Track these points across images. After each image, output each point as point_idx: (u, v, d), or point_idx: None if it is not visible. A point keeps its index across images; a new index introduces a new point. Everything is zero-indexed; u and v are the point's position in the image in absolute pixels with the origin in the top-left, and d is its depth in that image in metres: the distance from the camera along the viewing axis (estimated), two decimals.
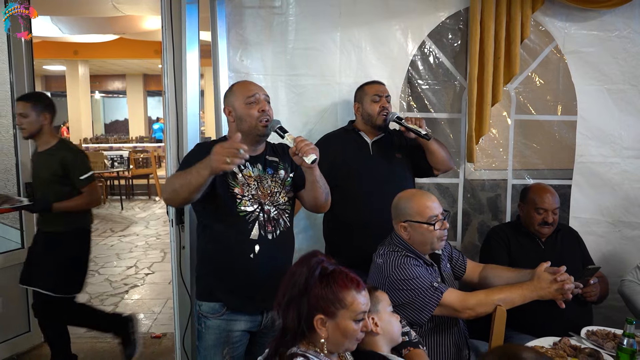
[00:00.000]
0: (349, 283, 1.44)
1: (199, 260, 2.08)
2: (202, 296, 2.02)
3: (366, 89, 2.59)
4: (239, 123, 1.96)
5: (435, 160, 2.55)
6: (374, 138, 2.60)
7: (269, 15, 2.81)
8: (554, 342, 1.95)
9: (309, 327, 1.43)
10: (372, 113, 2.54)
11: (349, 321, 1.42)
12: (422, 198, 2.06)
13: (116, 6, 5.58)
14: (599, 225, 2.99)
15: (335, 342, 1.44)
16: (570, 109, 2.95)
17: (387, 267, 1.98)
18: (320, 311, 1.41)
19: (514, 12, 2.76)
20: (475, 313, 1.92)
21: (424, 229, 2.00)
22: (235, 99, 1.99)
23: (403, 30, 2.86)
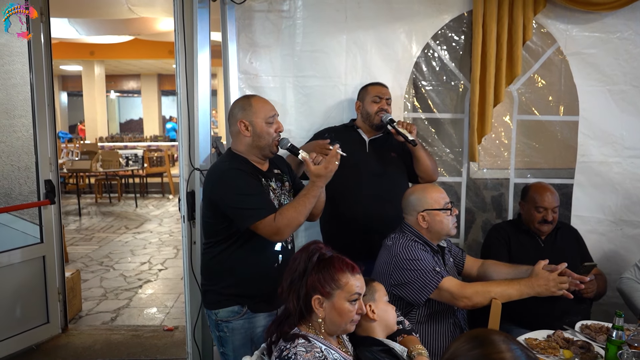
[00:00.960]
0: (344, 266, 1.58)
1: (214, 273, 2.09)
2: (217, 304, 2.05)
3: (369, 89, 2.70)
4: (256, 139, 2.05)
5: (420, 168, 2.63)
6: (371, 137, 2.70)
7: (278, 19, 2.91)
8: (548, 335, 2.02)
9: (307, 308, 1.56)
10: (370, 112, 2.65)
11: (344, 301, 1.55)
12: (435, 189, 2.27)
13: (131, 8, 5.71)
14: (600, 224, 3.04)
15: (332, 322, 1.56)
16: (572, 110, 3.00)
17: (395, 247, 2.13)
18: (317, 292, 1.54)
19: (516, 15, 2.82)
20: (472, 302, 2.01)
21: (442, 216, 2.18)
22: (255, 116, 2.04)
23: (407, 33, 2.93)
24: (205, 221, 2.10)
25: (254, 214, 1.90)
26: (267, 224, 1.89)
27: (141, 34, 7.91)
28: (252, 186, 1.98)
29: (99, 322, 3.98)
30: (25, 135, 3.39)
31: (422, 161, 2.61)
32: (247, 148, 2.07)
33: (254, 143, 2.05)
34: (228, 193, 1.95)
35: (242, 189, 1.95)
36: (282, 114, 2.94)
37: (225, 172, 2.00)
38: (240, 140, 2.08)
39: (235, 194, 1.94)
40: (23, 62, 3.34)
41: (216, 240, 2.04)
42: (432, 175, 2.67)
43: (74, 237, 6.82)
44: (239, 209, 1.93)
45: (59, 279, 3.61)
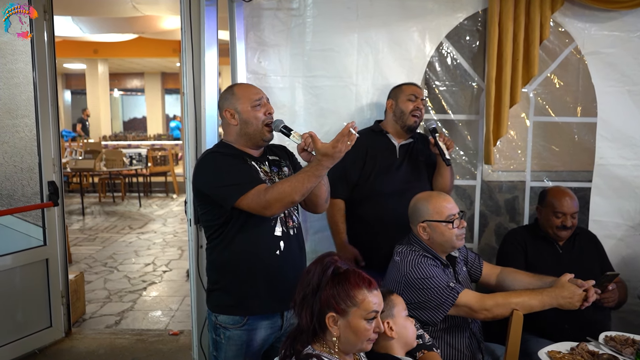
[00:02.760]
0: (360, 282, 1.46)
1: (216, 271, 2.00)
2: (220, 308, 1.96)
3: (403, 88, 2.60)
4: (244, 126, 1.95)
5: (439, 184, 2.57)
6: (401, 142, 2.62)
7: (287, 17, 2.83)
8: (572, 347, 1.94)
9: (321, 326, 1.45)
10: (405, 110, 2.55)
11: (360, 320, 1.44)
12: (438, 198, 2.10)
13: (136, 6, 5.65)
14: (618, 229, 2.95)
15: (347, 341, 1.45)
16: (590, 111, 2.91)
17: (404, 265, 2.00)
18: (331, 309, 1.44)
19: (533, 13, 2.74)
20: (492, 314, 1.92)
21: (443, 228, 2.03)
22: (239, 102, 1.96)
23: (420, 31, 2.85)
24: (200, 217, 2.03)
25: (237, 189, 1.79)
26: (254, 197, 1.77)
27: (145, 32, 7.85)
28: (232, 163, 1.89)
29: (103, 326, 3.91)
30: (29, 135, 3.32)
31: (445, 179, 2.56)
32: (236, 137, 1.97)
33: (242, 130, 1.96)
34: (208, 174, 1.88)
35: (222, 167, 1.87)
36: (291, 115, 2.89)
37: (205, 156, 1.97)
38: (229, 130, 2.00)
39: (214, 172, 1.87)
40: (26, 60, 3.27)
41: (212, 236, 1.96)
42: (447, 192, 2.56)
43: (78, 237, 6.76)
44: (220, 187, 1.84)
45: (62, 282, 3.54)
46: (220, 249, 1.95)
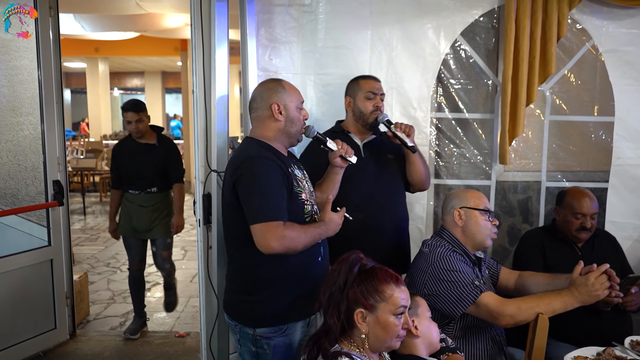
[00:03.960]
0: (388, 277, 1.45)
1: (252, 281, 1.87)
2: (259, 322, 1.85)
3: (361, 84, 2.42)
4: (289, 124, 1.89)
5: (413, 175, 2.41)
6: (364, 140, 2.44)
7: (299, 13, 2.78)
8: (598, 353, 1.88)
9: (349, 323, 1.43)
10: (364, 111, 2.38)
11: (389, 315, 1.42)
12: (477, 192, 2.15)
13: (139, 4, 5.59)
14: (636, 230, 2.90)
15: (376, 337, 1.43)
16: (607, 110, 2.86)
17: (432, 256, 1.99)
18: (360, 305, 1.42)
19: (550, 10, 2.68)
20: (515, 321, 1.87)
21: (479, 217, 2.04)
22: (290, 99, 1.89)
23: (435, 28, 2.79)
24: (230, 221, 1.88)
25: (268, 214, 1.71)
26: (273, 228, 1.69)
27: (147, 30, 7.78)
28: (276, 184, 1.79)
29: (108, 327, 3.85)
30: (33, 133, 3.26)
31: (417, 167, 2.38)
32: (276, 134, 1.88)
33: (285, 129, 1.89)
34: (250, 182, 1.76)
35: (266, 184, 1.76)
36: None
37: (252, 159, 1.80)
38: (268, 125, 1.89)
39: (257, 185, 1.75)
40: (31, 57, 3.21)
41: (247, 243, 1.78)
42: (424, 184, 2.46)
43: (79, 237, 6.70)
44: (255, 202, 1.74)
45: (66, 283, 3.48)
46: (260, 259, 1.79)
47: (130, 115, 3.52)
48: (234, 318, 1.91)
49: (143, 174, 3.59)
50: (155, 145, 3.61)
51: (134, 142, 3.61)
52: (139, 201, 3.62)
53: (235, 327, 1.91)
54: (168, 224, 3.68)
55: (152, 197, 3.62)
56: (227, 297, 1.99)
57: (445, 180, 2.94)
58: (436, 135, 2.92)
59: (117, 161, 3.70)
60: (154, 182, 3.62)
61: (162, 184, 3.66)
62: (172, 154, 3.69)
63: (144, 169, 3.58)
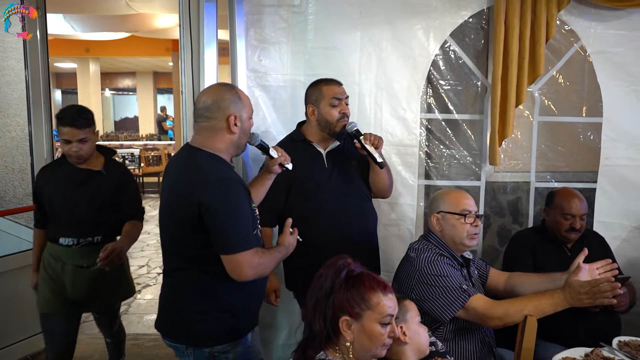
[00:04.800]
0: (375, 285, 1.42)
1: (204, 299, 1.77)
2: (215, 340, 1.77)
3: (323, 90, 2.28)
4: (242, 137, 1.85)
5: (376, 185, 2.35)
6: (327, 148, 2.34)
7: (288, 14, 2.77)
8: (586, 353, 1.89)
9: (334, 330, 1.41)
10: (330, 120, 2.26)
11: (375, 324, 1.40)
12: (459, 193, 2.11)
13: (129, 4, 5.56)
14: (624, 230, 2.91)
15: (361, 346, 1.41)
16: (595, 111, 2.87)
17: (419, 261, 1.97)
18: (345, 313, 1.40)
19: (539, 11, 2.69)
20: (503, 323, 1.87)
21: (455, 221, 2.01)
22: (245, 110, 1.83)
23: (425, 29, 2.79)
24: (184, 239, 1.75)
25: (243, 245, 1.68)
26: (248, 258, 1.68)
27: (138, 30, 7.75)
28: (247, 209, 1.76)
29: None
30: (20, 135, 3.23)
31: (381, 178, 2.31)
32: (228, 146, 1.80)
33: (238, 141, 1.82)
34: (224, 212, 1.67)
35: (240, 213, 1.72)
36: (292, 114, 2.82)
37: (223, 182, 1.71)
38: (221, 137, 1.78)
39: (232, 215, 1.69)
40: (18, 58, 3.18)
41: (204, 258, 1.73)
42: (386, 193, 2.42)
43: None
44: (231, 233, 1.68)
45: None
46: (218, 278, 1.73)
47: (69, 132, 2.35)
48: (183, 340, 1.80)
49: (82, 214, 2.46)
50: (101, 174, 2.51)
51: (70, 168, 2.48)
52: (73, 258, 2.48)
53: (187, 349, 1.79)
54: (123, 287, 2.76)
55: (94, 252, 2.40)
56: (175, 318, 1.82)
57: (435, 181, 2.94)
58: (426, 136, 2.92)
59: (41, 195, 2.52)
60: (97, 228, 2.50)
61: (110, 231, 2.56)
62: (127, 185, 2.63)
63: (83, 208, 2.46)
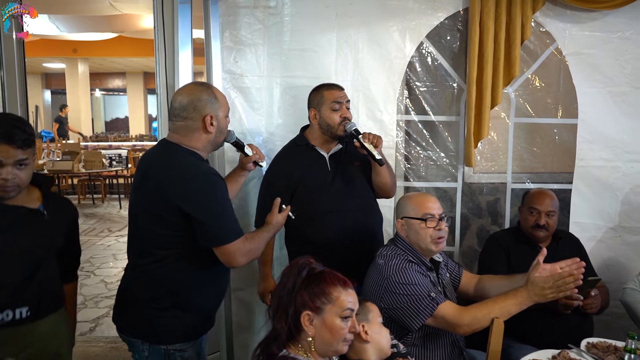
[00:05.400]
0: (335, 280, 1.47)
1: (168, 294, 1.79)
2: (175, 338, 1.81)
3: (325, 95, 2.32)
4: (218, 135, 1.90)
5: (378, 184, 2.38)
6: (330, 151, 2.39)
7: (264, 15, 2.76)
8: (553, 355, 1.89)
9: (296, 327, 1.43)
10: (332, 123, 2.30)
11: (336, 317, 1.43)
12: (421, 197, 2.08)
13: (113, 4, 5.53)
14: (599, 231, 2.93)
15: (323, 340, 1.44)
16: (571, 112, 2.89)
17: (387, 269, 1.95)
18: (307, 308, 1.43)
19: (514, 13, 2.70)
20: (472, 329, 1.86)
21: (418, 226, 2.00)
22: (221, 110, 1.88)
23: (401, 31, 2.79)
24: (158, 237, 1.77)
25: (232, 234, 1.74)
26: (239, 246, 1.75)
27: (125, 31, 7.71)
28: (228, 199, 1.83)
29: (77, 333, 3.76)
30: None
31: (383, 177, 2.34)
32: (205, 145, 1.85)
33: (215, 139, 1.88)
34: (209, 205, 1.73)
35: (223, 204, 1.78)
36: (269, 116, 2.82)
37: (204, 177, 1.75)
38: (197, 137, 1.83)
39: (217, 206, 1.75)
40: None
41: (175, 255, 1.77)
42: (390, 192, 2.44)
43: None
44: (218, 225, 1.73)
45: None
46: (187, 276, 1.79)
47: (2, 151, 1.59)
48: (141, 336, 1.82)
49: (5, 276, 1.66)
50: (39, 215, 1.75)
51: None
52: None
53: (142, 344, 1.81)
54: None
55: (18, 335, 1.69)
56: (134, 313, 1.83)
57: (413, 183, 2.94)
58: (403, 138, 2.92)
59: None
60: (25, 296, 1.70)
61: (45, 300, 1.77)
62: (73, 231, 1.97)
63: (9, 267, 1.67)
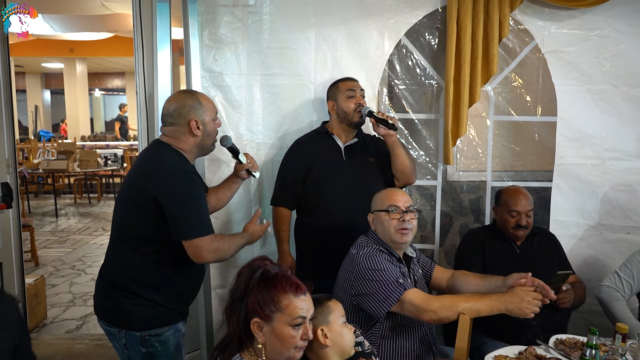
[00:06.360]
0: (287, 286, 1.40)
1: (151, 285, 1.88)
2: (151, 323, 1.88)
3: (340, 86, 2.54)
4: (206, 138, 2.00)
5: (397, 167, 2.49)
6: (347, 142, 2.57)
7: (244, 14, 2.76)
8: (519, 352, 1.90)
9: (247, 333, 1.40)
10: (347, 110, 2.49)
11: (286, 326, 1.38)
12: (389, 191, 2.14)
13: (104, 4, 5.54)
14: (579, 228, 2.93)
15: (273, 348, 1.40)
16: (550, 110, 2.89)
17: (358, 257, 1.99)
18: (256, 315, 1.39)
19: (492, 11, 2.70)
20: (437, 317, 1.86)
21: (383, 218, 2.04)
22: (207, 114, 1.98)
23: (379, 29, 2.80)
24: (136, 227, 1.87)
25: (201, 230, 1.81)
26: (207, 242, 1.81)
27: (119, 30, 7.72)
28: (203, 198, 1.93)
29: (64, 331, 3.81)
30: None
31: (401, 159, 2.46)
32: (192, 147, 1.97)
33: (202, 143, 1.99)
34: (182, 199, 1.81)
35: (197, 201, 1.86)
36: (249, 114, 2.83)
37: (182, 174, 1.85)
38: (185, 140, 1.96)
39: (190, 202, 1.82)
40: None
41: (152, 247, 1.86)
42: (410, 176, 2.54)
43: (48, 239, 6.62)
44: (188, 218, 1.81)
45: (18, 287, 3.42)
46: (156, 262, 1.87)
47: None
48: (116, 323, 1.89)
49: None
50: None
51: None
52: None
53: (119, 332, 1.88)
54: None
55: None
56: (110, 300, 1.90)
57: None
58: None
59: None
60: None
61: None
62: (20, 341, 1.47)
63: None
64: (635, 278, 2.42)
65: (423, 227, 3.02)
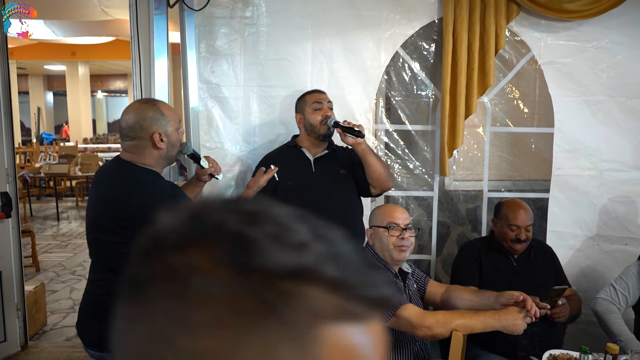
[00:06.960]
0: None
1: None
2: None
3: (307, 98, 2.50)
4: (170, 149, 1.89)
5: (372, 175, 2.40)
6: (316, 155, 2.52)
7: (241, 25, 2.77)
8: None
9: None
10: (314, 123, 2.44)
11: None
12: (389, 207, 2.16)
13: (105, 10, 5.55)
14: (576, 239, 2.93)
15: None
16: (547, 121, 2.89)
17: None
18: None
19: (488, 23, 2.71)
20: (432, 333, 1.87)
21: (382, 234, 2.05)
22: (169, 125, 1.86)
23: (376, 40, 2.81)
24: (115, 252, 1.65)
25: None
26: None
27: (120, 35, 7.73)
28: None
29: (63, 338, 3.82)
30: None
31: (374, 167, 2.38)
32: (158, 160, 1.86)
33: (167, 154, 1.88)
34: None
35: None
36: (246, 125, 2.84)
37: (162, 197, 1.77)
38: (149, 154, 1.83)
39: None
40: None
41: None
42: (386, 183, 2.47)
43: (49, 243, 6.64)
44: None
45: (18, 295, 3.45)
46: None
47: None
48: (106, 349, 1.82)
49: None
50: None
51: None
52: None
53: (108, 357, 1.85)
54: None
55: None
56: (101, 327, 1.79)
57: (390, 192, 2.94)
58: (379, 147, 2.93)
59: None
60: None
61: None
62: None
63: None
64: (630, 291, 2.42)
65: (420, 237, 3.02)
